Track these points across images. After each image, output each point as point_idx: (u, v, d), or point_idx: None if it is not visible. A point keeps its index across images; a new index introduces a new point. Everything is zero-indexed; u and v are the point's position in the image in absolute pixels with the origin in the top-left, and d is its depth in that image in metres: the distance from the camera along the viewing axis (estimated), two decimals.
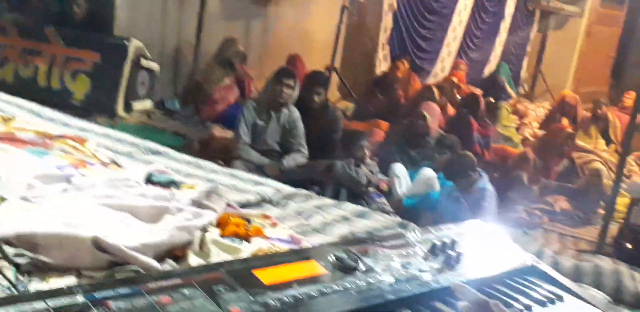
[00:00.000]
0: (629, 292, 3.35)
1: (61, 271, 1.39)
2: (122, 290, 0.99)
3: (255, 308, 1.06)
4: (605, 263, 3.79)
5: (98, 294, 0.95)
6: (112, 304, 0.94)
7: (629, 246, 4.32)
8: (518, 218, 4.85)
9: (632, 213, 4.46)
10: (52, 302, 0.90)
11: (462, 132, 5.40)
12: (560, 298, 1.42)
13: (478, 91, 7.85)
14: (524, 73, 12.23)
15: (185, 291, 1.04)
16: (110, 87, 5.49)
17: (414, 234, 1.59)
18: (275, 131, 4.68)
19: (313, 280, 1.23)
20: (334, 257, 1.32)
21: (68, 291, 0.94)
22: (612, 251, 4.39)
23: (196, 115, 6.31)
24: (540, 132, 6.94)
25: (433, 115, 5.14)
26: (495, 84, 7.75)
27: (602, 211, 5.40)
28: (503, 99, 7.36)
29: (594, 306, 1.41)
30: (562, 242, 4.70)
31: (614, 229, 4.67)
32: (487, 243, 1.64)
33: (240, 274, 1.16)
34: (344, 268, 1.30)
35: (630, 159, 6.51)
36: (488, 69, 10.91)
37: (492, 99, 7.12)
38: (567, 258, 3.89)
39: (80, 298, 0.93)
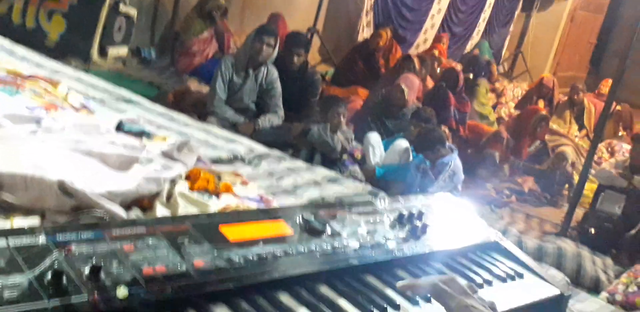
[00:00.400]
0: (588, 276, 3.44)
1: (25, 212, 1.36)
2: (85, 234, 0.97)
3: (219, 263, 1.06)
4: (568, 246, 3.88)
5: (61, 237, 0.93)
6: (74, 247, 0.93)
7: (593, 231, 4.40)
8: (486, 195, 4.89)
9: (598, 199, 4.53)
10: (13, 241, 0.88)
11: (439, 106, 5.39)
12: (520, 275, 1.45)
13: (458, 66, 7.84)
14: (504, 52, 12.24)
15: (150, 241, 1.03)
16: (86, 30, 5.33)
17: (382, 202, 1.59)
18: (252, 90, 4.61)
19: (279, 240, 1.23)
20: (301, 219, 1.32)
21: (30, 231, 0.92)
22: (575, 235, 4.47)
23: (172, 66, 6.19)
24: (516, 112, 6.98)
25: (411, 88, 5.11)
26: (476, 61, 7.72)
27: (568, 194, 5.50)
28: (483, 76, 7.34)
29: (553, 285, 1.43)
30: (527, 222, 4.78)
31: (579, 213, 4.75)
32: (454, 217, 1.66)
33: (207, 229, 1.15)
34: (311, 230, 1.30)
35: (602, 145, 6.60)
36: (470, 45, 10.89)
37: (471, 76, 7.12)
38: (531, 238, 3.96)
39: (42, 239, 0.91)
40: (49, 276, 0.84)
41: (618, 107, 7.49)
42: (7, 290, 0.80)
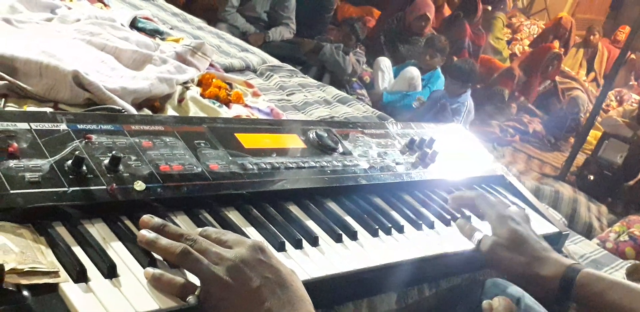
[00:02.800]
0: (581, 221, 3.51)
1: (39, 101, 1.34)
2: (105, 126, 0.96)
3: (234, 169, 1.06)
4: (566, 190, 3.92)
5: (81, 126, 0.92)
6: (94, 137, 0.92)
7: (592, 178, 4.43)
8: (490, 132, 4.87)
9: (601, 147, 4.53)
10: (35, 125, 0.87)
11: (454, 35, 5.28)
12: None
13: None
14: None
15: (167, 139, 1.03)
16: None
17: (395, 126, 1.59)
18: None
19: (292, 153, 1.23)
20: (315, 135, 1.32)
21: (52, 117, 0.91)
22: (574, 180, 4.51)
23: None
24: (530, 51, 6.86)
25: (430, 13, 4.98)
26: None
27: (572, 140, 5.49)
28: (500, 9, 7.13)
29: (552, 223, 1.45)
30: (528, 163, 4.80)
31: (580, 159, 4.76)
32: (463, 148, 1.66)
33: (222, 134, 1.14)
34: (323, 147, 1.30)
35: (611, 93, 6.54)
36: None
37: (489, 8, 6.92)
38: (530, 179, 4.00)
39: (63, 126, 0.90)
40: (69, 162, 0.84)
41: (632, 56, 7.36)
42: (28, 172, 0.80)
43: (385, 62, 4.66)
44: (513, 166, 4.40)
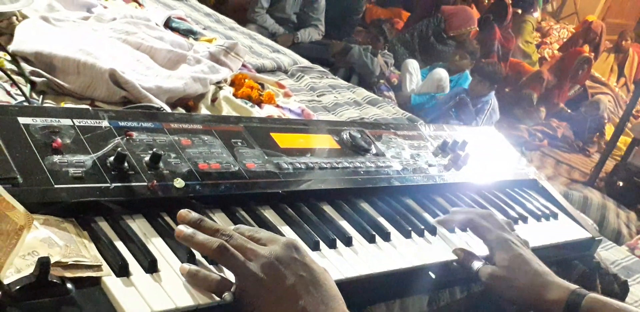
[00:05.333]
0: (610, 228, 3.46)
1: (76, 98, 1.37)
2: (145, 124, 0.97)
3: (269, 168, 1.07)
4: (594, 196, 3.87)
5: (122, 123, 0.94)
6: (135, 134, 0.93)
7: (621, 183, 4.36)
8: (518, 136, 4.83)
9: (631, 153, 4.45)
10: (78, 121, 0.89)
11: (484, 38, 5.24)
12: (555, 215, 1.45)
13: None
14: None
15: (205, 137, 1.04)
16: None
17: (427, 128, 1.58)
18: (296, 1, 4.50)
19: (326, 153, 1.23)
20: (348, 136, 1.32)
21: (94, 114, 0.92)
22: (603, 186, 4.44)
23: None
24: (560, 54, 6.78)
25: (474, 25, 4.98)
26: None
27: (598, 142, 5.42)
28: (530, 13, 7.07)
29: (585, 228, 1.44)
30: (556, 168, 4.73)
31: (610, 165, 4.69)
32: (496, 151, 1.65)
33: (258, 133, 1.15)
34: (357, 148, 1.30)
35: None
36: None
37: (519, 11, 6.86)
38: (558, 184, 3.95)
39: (105, 123, 0.92)
40: (111, 158, 0.86)
41: None
42: (72, 168, 0.82)
43: (413, 64, 4.65)
44: (541, 170, 4.34)
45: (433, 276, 1.08)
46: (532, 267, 1.08)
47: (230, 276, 0.79)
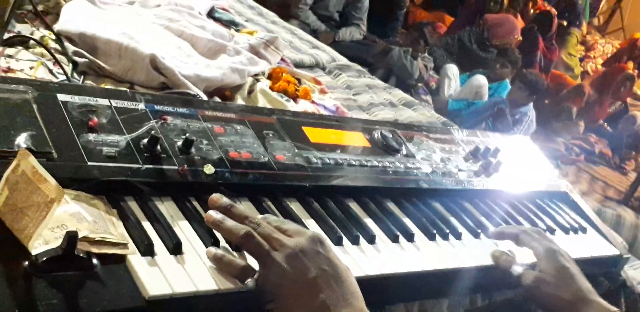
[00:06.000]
0: None
1: (116, 80, 1.39)
2: (181, 109, 0.98)
3: (298, 161, 1.07)
4: (628, 215, 3.80)
5: (158, 107, 0.95)
6: (169, 119, 0.94)
7: None
8: (555, 150, 4.75)
9: None
10: (115, 102, 0.90)
11: (526, 48, 5.18)
12: (584, 230, 1.43)
13: (553, 11, 7.45)
14: (603, 4, 11.53)
15: (238, 127, 1.04)
16: None
17: (460, 133, 1.57)
18: None
19: (356, 151, 1.23)
20: (380, 135, 1.32)
21: (131, 96, 0.93)
22: (637, 206, 4.35)
23: None
24: (603, 69, 6.67)
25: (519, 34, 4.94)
26: (574, 8, 7.30)
27: (636, 159, 5.31)
28: (576, 26, 6.97)
29: (614, 245, 1.41)
30: (591, 184, 4.65)
31: None
32: (528, 161, 1.63)
33: (290, 126, 1.16)
34: (387, 147, 1.29)
35: None
36: None
37: (564, 23, 6.77)
38: (592, 201, 3.89)
39: (141, 106, 0.93)
40: (145, 141, 0.87)
41: None
42: (106, 147, 0.83)
43: (453, 69, 4.61)
44: (576, 185, 4.28)
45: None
46: (577, 282, 1.08)
47: (254, 264, 0.79)
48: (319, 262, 0.79)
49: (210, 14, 2.23)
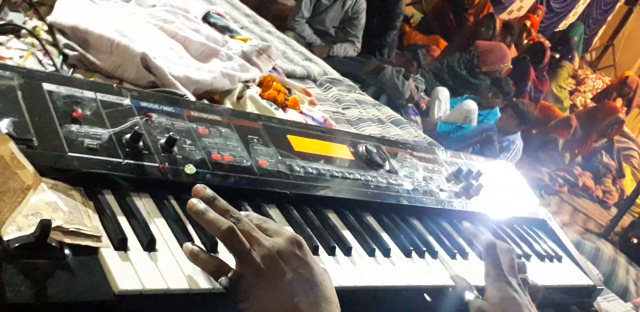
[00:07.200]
0: (618, 283, 3.41)
1: (105, 76, 1.38)
2: (166, 108, 0.98)
3: (281, 168, 1.06)
4: (607, 249, 3.82)
5: (144, 103, 0.94)
6: (154, 116, 0.94)
7: (635, 240, 4.30)
8: (539, 179, 4.78)
9: None
10: (101, 95, 0.89)
11: (517, 77, 5.23)
12: (559, 258, 1.43)
13: (547, 43, 7.55)
14: (596, 41, 11.74)
15: (222, 129, 1.04)
16: None
17: (444, 153, 1.57)
18: (337, 15, 4.54)
19: (339, 162, 1.23)
20: (364, 149, 1.31)
21: (118, 91, 0.92)
22: (617, 240, 4.38)
23: None
24: (592, 104, 6.75)
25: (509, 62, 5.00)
26: (567, 42, 7.41)
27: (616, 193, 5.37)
28: (568, 59, 7.07)
29: (588, 276, 1.41)
30: (573, 216, 4.68)
31: (627, 220, 4.65)
32: (509, 186, 1.63)
33: (276, 133, 1.15)
34: (371, 162, 1.29)
35: None
36: (563, 25, 10.44)
37: (557, 55, 6.86)
38: (572, 232, 3.91)
39: (127, 101, 0.92)
40: (128, 136, 0.86)
41: None
42: (88, 139, 0.82)
43: (444, 92, 4.65)
44: (558, 216, 4.30)
45: (429, 298, 1.06)
46: None
47: (230, 262, 0.78)
48: (294, 265, 0.78)
49: (206, 19, 2.23)
